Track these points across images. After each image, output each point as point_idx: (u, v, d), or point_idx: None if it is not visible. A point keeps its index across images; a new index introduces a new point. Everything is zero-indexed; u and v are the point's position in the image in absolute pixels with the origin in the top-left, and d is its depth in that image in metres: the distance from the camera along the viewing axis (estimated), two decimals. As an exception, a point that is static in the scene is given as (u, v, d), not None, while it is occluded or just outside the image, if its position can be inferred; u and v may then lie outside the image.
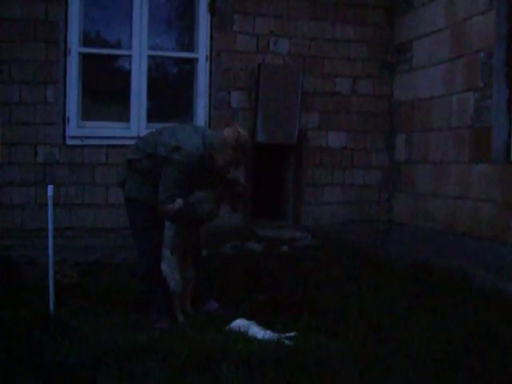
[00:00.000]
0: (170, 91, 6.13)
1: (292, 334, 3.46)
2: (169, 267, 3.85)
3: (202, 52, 5.89)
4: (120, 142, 5.64)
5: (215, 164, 3.74)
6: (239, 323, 3.59)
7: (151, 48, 5.81)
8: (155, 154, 3.75)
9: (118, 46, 5.90)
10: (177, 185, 3.68)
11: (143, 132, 5.64)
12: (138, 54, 5.71)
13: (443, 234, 5.46)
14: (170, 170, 3.67)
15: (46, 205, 3.78)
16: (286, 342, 3.36)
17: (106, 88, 5.95)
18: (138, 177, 3.87)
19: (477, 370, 3.01)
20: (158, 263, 3.87)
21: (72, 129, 5.56)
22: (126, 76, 5.77)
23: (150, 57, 5.85)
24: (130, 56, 5.73)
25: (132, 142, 5.51)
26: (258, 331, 3.48)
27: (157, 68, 6.17)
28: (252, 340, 3.36)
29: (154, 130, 4.04)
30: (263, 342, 3.32)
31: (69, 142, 5.56)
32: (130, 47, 5.73)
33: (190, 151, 3.64)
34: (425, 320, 3.81)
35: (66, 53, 5.53)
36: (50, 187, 3.76)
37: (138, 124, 5.73)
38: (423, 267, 5.18)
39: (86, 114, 5.67)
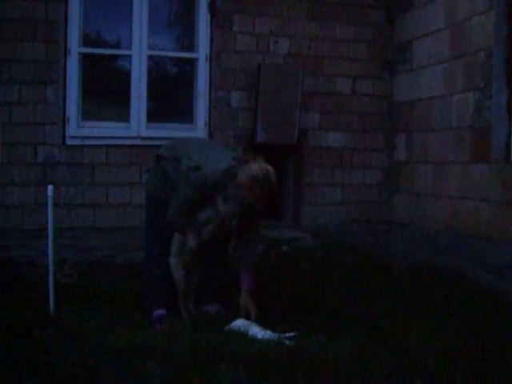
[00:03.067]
0: (170, 91, 6.12)
1: (292, 334, 3.46)
2: (174, 264, 3.88)
3: (201, 52, 5.89)
4: (120, 142, 5.65)
5: (242, 200, 3.62)
6: (239, 323, 3.58)
7: (151, 48, 5.81)
8: (178, 162, 3.79)
9: (118, 46, 5.91)
10: (187, 202, 3.72)
11: (143, 132, 5.68)
12: (138, 54, 5.71)
13: (443, 234, 5.45)
14: (185, 187, 3.69)
15: (46, 205, 3.77)
16: (286, 342, 3.35)
17: (105, 88, 5.95)
18: (160, 173, 3.95)
19: (477, 370, 3.01)
20: (168, 256, 3.91)
21: (72, 129, 5.56)
22: (126, 76, 5.77)
23: (150, 57, 5.85)
24: (130, 56, 5.73)
25: (132, 142, 5.64)
26: (257, 331, 3.47)
27: (157, 68, 6.17)
28: (252, 340, 3.35)
29: (188, 138, 4.23)
30: (263, 342, 3.32)
31: (69, 141, 5.56)
32: (130, 47, 5.73)
33: (207, 176, 3.62)
34: (425, 320, 3.81)
35: (66, 53, 5.52)
36: (50, 187, 3.75)
37: (138, 124, 5.72)
38: (423, 267, 5.17)
39: (86, 114, 5.67)
